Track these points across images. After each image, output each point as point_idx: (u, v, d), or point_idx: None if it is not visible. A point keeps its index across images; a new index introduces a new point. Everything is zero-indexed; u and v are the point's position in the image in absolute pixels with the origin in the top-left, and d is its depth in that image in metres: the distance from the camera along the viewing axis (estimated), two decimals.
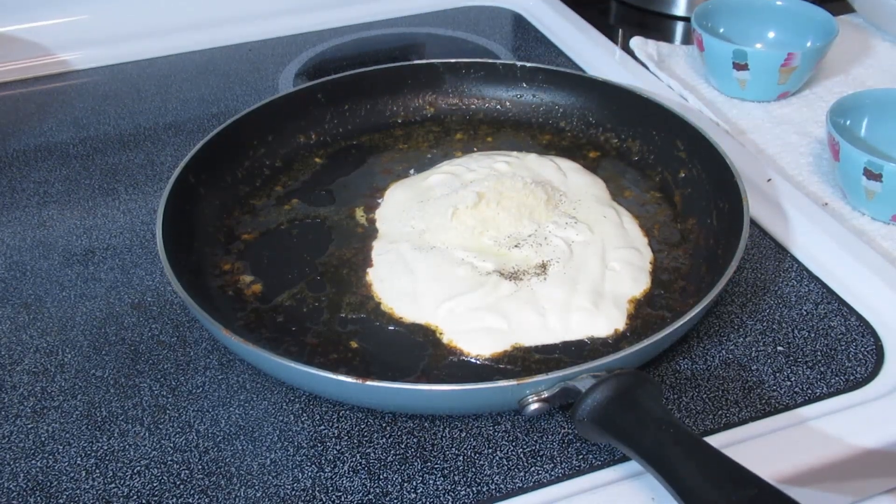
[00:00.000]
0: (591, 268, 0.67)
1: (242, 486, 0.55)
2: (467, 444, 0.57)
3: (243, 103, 0.94)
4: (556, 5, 1.13)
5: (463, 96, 0.91)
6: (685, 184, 0.77)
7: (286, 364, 0.55)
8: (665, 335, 0.57)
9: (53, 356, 0.65)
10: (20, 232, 0.77)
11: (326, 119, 0.87)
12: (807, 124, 0.89)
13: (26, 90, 1.00)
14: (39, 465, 0.57)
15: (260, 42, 1.09)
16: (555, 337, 0.63)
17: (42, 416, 0.60)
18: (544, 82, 0.88)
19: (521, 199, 0.72)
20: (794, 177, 0.81)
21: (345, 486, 0.55)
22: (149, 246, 0.75)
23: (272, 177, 0.81)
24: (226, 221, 0.75)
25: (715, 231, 0.71)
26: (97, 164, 0.87)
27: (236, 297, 0.67)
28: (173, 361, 0.64)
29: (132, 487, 0.55)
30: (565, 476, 0.55)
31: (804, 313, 0.66)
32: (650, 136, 0.82)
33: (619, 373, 0.53)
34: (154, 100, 0.97)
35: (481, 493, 0.54)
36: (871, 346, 0.64)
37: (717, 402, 0.59)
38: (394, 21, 1.13)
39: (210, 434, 0.58)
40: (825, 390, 0.60)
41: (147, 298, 0.69)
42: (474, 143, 0.86)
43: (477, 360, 0.62)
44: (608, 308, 0.64)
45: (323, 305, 0.67)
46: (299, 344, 0.63)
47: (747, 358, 0.63)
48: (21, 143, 0.90)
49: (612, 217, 0.73)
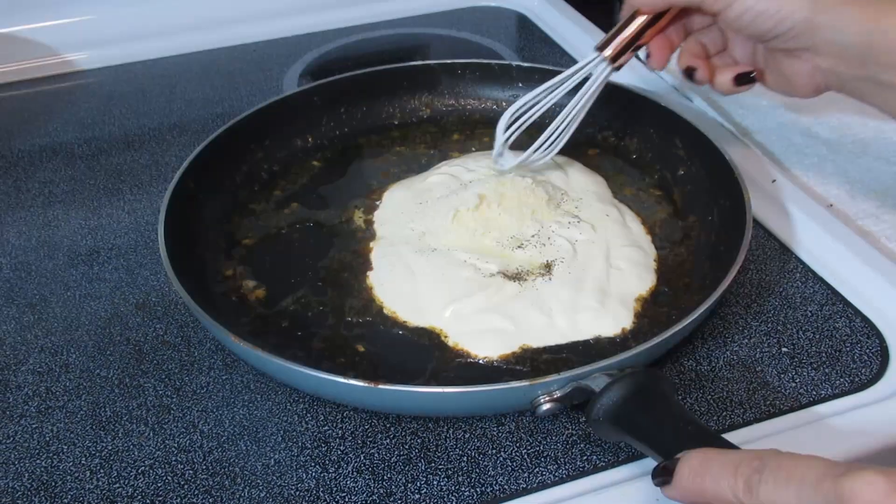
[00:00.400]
0: (597, 267, 0.67)
1: (246, 487, 0.55)
2: (471, 444, 0.57)
3: (248, 104, 0.94)
4: (560, 6, 1.13)
5: (459, 97, 0.91)
6: (684, 181, 0.77)
7: (297, 369, 0.55)
8: (675, 332, 0.57)
9: (58, 356, 0.65)
10: (25, 232, 0.77)
11: (323, 122, 0.87)
12: (812, 125, 0.88)
13: (32, 90, 1.01)
14: (44, 464, 0.57)
15: (265, 42, 1.09)
16: (562, 337, 0.63)
17: (47, 415, 0.60)
18: (540, 82, 0.88)
19: (522, 199, 0.72)
20: (798, 178, 0.81)
21: (349, 486, 0.55)
22: (153, 246, 0.75)
23: (270, 181, 0.81)
24: (226, 227, 0.75)
25: (717, 228, 0.71)
26: (102, 164, 0.87)
27: (240, 302, 0.67)
28: (177, 362, 0.64)
29: (136, 487, 0.55)
30: (569, 477, 0.55)
31: (809, 314, 0.66)
32: (648, 134, 0.82)
33: (632, 371, 0.53)
34: (159, 100, 0.97)
35: (485, 494, 0.54)
36: (875, 347, 0.63)
37: (722, 402, 0.59)
38: (398, 22, 1.13)
39: (214, 434, 0.58)
40: (830, 391, 0.60)
41: (151, 299, 0.70)
42: (471, 144, 0.86)
43: (484, 361, 0.62)
44: (615, 307, 0.64)
45: (327, 310, 0.66)
46: (306, 349, 0.63)
47: (752, 359, 0.63)
48: (26, 144, 0.90)
49: (615, 215, 0.73)
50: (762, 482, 0.40)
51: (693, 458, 0.44)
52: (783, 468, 0.40)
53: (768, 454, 0.41)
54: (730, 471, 0.41)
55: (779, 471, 0.40)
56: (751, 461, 0.41)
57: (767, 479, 0.40)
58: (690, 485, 0.43)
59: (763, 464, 0.40)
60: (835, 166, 0.81)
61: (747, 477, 0.40)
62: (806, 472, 0.39)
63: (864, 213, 0.76)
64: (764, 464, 0.40)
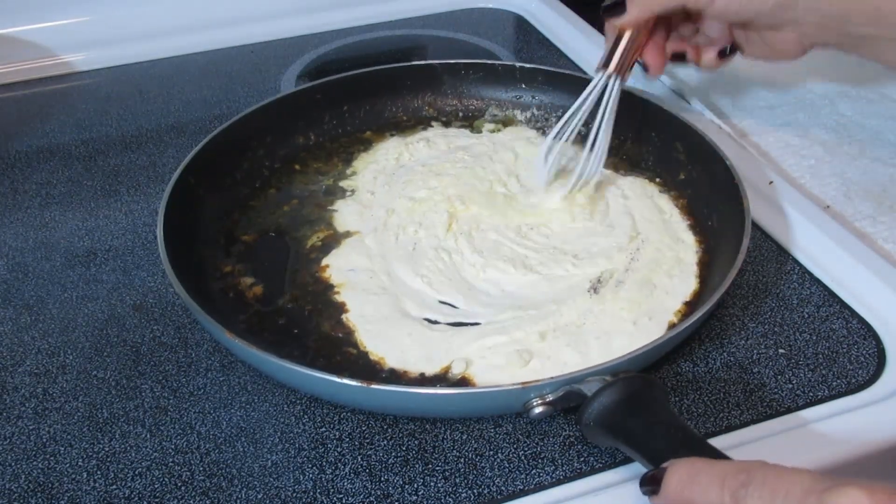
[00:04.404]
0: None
1: (244, 488, 0.55)
2: (469, 446, 0.57)
3: (246, 105, 0.94)
4: (558, 8, 1.13)
5: (462, 97, 0.91)
6: (684, 185, 0.77)
7: (291, 368, 0.55)
8: (669, 338, 0.57)
9: (55, 357, 0.65)
10: (22, 233, 0.77)
11: (325, 120, 0.87)
12: (809, 127, 0.88)
13: (29, 91, 1.00)
14: (41, 466, 0.57)
15: (262, 44, 1.09)
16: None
17: (44, 417, 0.60)
18: (543, 83, 0.88)
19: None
20: (796, 179, 0.81)
21: (346, 487, 0.55)
22: (150, 247, 0.75)
23: (271, 178, 0.81)
24: (225, 223, 0.75)
25: (716, 232, 0.71)
26: (99, 165, 0.87)
27: (237, 299, 0.67)
28: (175, 363, 0.64)
29: (133, 489, 0.55)
30: (567, 478, 0.55)
31: (806, 316, 0.66)
32: (649, 138, 0.82)
33: (625, 376, 0.53)
34: (156, 101, 0.97)
35: (482, 496, 0.54)
36: (872, 349, 0.63)
37: (719, 404, 0.59)
38: (396, 23, 1.13)
39: (211, 436, 0.58)
40: (827, 393, 0.60)
41: (148, 300, 0.69)
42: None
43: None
44: (645, 323, 0.64)
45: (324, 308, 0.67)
46: (302, 347, 0.63)
47: (749, 360, 0.63)
48: (23, 145, 0.90)
49: (656, 219, 0.74)
50: (748, 496, 0.40)
51: (681, 469, 0.44)
52: (769, 482, 0.40)
53: (755, 466, 0.41)
54: (717, 483, 0.42)
55: (765, 485, 0.40)
56: (737, 474, 0.41)
57: (753, 494, 0.40)
58: (678, 496, 0.44)
59: (750, 477, 0.41)
60: (832, 168, 0.81)
61: (734, 490, 0.41)
62: (791, 486, 0.39)
63: (860, 214, 0.76)
64: (751, 477, 0.41)
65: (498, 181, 0.78)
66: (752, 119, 0.90)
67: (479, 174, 0.78)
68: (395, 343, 0.62)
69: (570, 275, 0.68)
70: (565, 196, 0.74)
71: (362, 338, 0.63)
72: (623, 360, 0.54)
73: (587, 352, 0.61)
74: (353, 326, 0.64)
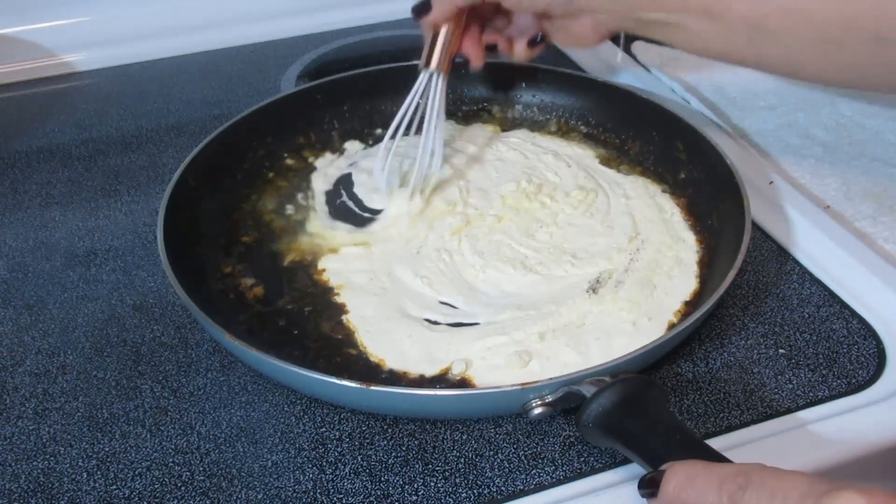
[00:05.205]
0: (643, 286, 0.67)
1: (244, 488, 0.55)
2: (468, 446, 0.57)
3: (246, 105, 0.93)
4: None
5: (462, 97, 0.91)
6: (685, 185, 0.77)
7: (291, 369, 0.55)
8: (668, 338, 0.57)
9: (55, 358, 0.65)
10: (22, 233, 0.77)
11: (325, 120, 0.87)
12: (809, 127, 0.88)
13: (29, 91, 1.00)
14: (41, 466, 0.57)
15: (262, 44, 1.09)
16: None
17: (44, 417, 0.60)
18: (544, 82, 0.88)
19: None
20: (796, 179, 0.81)
21: (346, 488, 0.55)
22: (151, 247, 0.75)
23: (272, 179, 0.81)
24: (226, 224, 0.75)
25: (716, 232, 0.71)
26: (99, 165, 0.87)
27: (238, 300, 0.67)
28: (175, 363, 0.64)
29: (133, 489, 0.55)
30: (566, 478, 0.55)
31: (806, 316, 0.66)
32: (650, 137, 0.82)
33: (624, 377, 0.53)
34: (156, 101, 0.97)
35: (482, 496, 0.54)
36: (872, 349, 0.63)
37: (719, 404, 0.59)
38: (396, 23, 1.13)
39: (211, 436, 0.58)
40: (827, 393, 0.60)
41: (149, 300, 0.69)
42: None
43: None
44: (645, 325, 0.64)
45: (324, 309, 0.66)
46: (302, 348, 0.63)
47: (749, 360, 0.63)
48: (23, 145, 0.90)
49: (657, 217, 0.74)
50: (746, 499, 0.40)
51: (679, 472, 0.44)
52: (767, 486, 0.40)
53: (753, 469, 0.41)
54: (714, 486, 0.42)
55: (762, 488, 0.40)
56: (735, 477, 0.41)
57: (751, 497, 0.40)
58: (676, 499, 0.44)
59: (747, 480, 0.41)
60: (832, 168, 0.81)
61: (731, 493, 0.41)
62: (789, 490, 0.39)
63: (861, 214, 0.76)
64: (748, 480, 0.41)
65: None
66: (752, 119, 0.90)
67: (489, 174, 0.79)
68: (395, 344, 0.63)
69: (570, 275, 0.68)
70: (408, 198, 0.74)
71: (362, 339, 0.63)
72: (622, 360, 0.54)
73: (587, 352, 0.61)
74: (354, 327, 0.64)
